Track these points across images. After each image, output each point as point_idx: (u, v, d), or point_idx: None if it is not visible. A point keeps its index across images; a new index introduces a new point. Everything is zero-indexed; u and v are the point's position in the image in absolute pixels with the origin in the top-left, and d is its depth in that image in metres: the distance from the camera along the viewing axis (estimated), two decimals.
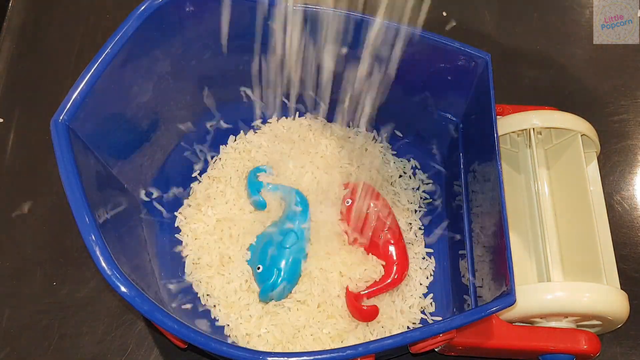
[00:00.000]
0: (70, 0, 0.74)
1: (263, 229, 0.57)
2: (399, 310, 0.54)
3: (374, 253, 0.55)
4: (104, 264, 0.41)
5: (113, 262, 0.41)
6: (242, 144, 0.61)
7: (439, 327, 0.44)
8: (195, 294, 0.55)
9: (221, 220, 0.57)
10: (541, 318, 0.51)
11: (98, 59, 0.47)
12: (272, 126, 0.62)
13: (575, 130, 0.57)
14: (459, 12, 0.74)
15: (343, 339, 0.52)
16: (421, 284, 0.56)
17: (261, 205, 0.57)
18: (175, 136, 0.59)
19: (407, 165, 0.62)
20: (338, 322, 0.52)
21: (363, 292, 0.54)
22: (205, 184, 0.59)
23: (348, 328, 0.52)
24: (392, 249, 0.56)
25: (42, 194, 0.61)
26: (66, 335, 0.55)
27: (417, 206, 0.60)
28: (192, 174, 0.60)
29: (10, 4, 0.73)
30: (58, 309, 0.56)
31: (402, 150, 0.63)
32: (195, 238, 0.56)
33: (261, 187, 0.58)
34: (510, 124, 0.58)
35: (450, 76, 0.55)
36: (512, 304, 0.44)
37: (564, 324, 0.51)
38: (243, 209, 0.58)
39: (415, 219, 0.59)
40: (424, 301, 0.55)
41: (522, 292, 0.48)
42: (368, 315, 0.53)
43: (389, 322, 0.54)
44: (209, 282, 0.55)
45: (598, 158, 0.60)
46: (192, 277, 0.55)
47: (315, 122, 0.62)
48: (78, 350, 0.54)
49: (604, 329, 0.53)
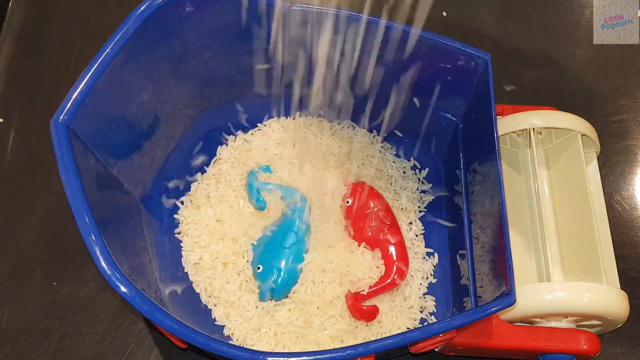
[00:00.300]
0: (70, 0, 0.74)
1: (263, 229, 0.57)
2: (399, 310, 0.54)
3: (374, 247, 0.56)
4: (104, 264, 0.41)
5: (113, 262, 0.41)
6: (242, 144, 0.61)
7: (439, 327, 0.44)
8: (196, 294, 0.55)
9: (221, 221, 0.57)
10: (541, 318, 0.51)
11: (98, 59, 0.47)
12: (272, 126, 0.62)
13: (575, 130, 0.57)
14: (459, 12, 0.74)
15: (343, 339, 0.52)
16: (421, 284, 0.56)
17: (261, 205, 0.57)
18: (175, 136, 0.59)
19: (407, 165, 0.62)
20: (338, 322, 0.52)
21: (363, 292, 0.54)
22: (205, 184, 0.59)
23: (348, 328, 0.52)
24: (392, 249, 0.56)
25: (42, 194, 0.61)
26: (66, 335, 0.55)
27: (417, 206, 0.60)
28: (192, 174, 0.60)
29: (10, 4, 0.73)
30: (58, 309, 0.56)
31: (402, 150, 0.63)
32: (195, 238, 0.56)
33: (261, 187, 0.58)
34: (510, 124, 0.58)
35: (450, 76, 0.55)
36: (512, 304, 0.44)
37: (564, 324, 0.51)
38: (243, 209, 0.58)
39: (415, 219, 0.59)
40: (424, 301, 0.55)
41: (522, 292, 0.48)
42: (368, 315, 0.53)
43: (389, 322, 0.54)
44: (209, 282, 0.55)
45: (598, 158, 0.60)
46: (192, 277, 0.55)
47: (315, 122, 0.62)
48: (78, 350, 0.54)
49: (604, 329, 0.53)
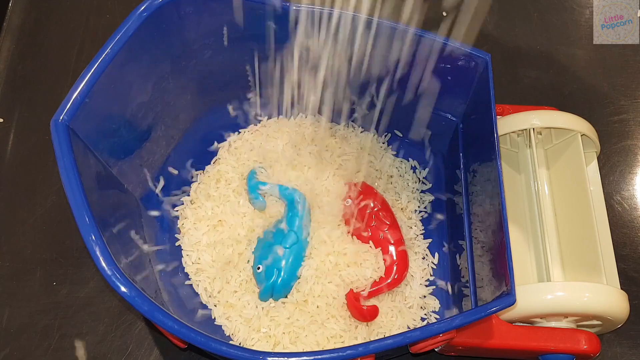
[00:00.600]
0: (70, 0, 0.74)
1: (263, 229, 0.57)
2: (399, 310, 0.54)
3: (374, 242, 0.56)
4: (104, 264, 0.41)
5: (113, 262, 0.41)
6: (242, 144, 0.61)
7: (439, 327, 0.44)
8: (195, 293, 0.55)
9: (221, 221, 0.57)
10: (541, 318, 0.51)
11: (98, 59, 0.47)
12: (273, 126, 0.62)
13: (575, 130, 0.57)
14: (459, 12, 0.74)
15: (343, 339, 0.52)
16: (421, 284, 0.56)
17: (261, 205, 0.57)
18: (175, 136, 0.59)
19: (407, 165, 0.62)
20: (338, 322, 0.52)
21: (363, 292, 0.54)
22: (205, 184, 0.59)
23: (348, 328, 0.52)
24: (392, 249, 0.56)
25: (42, 194, 0.61)
26: (66, 335, 0.55)
27: (417, 206, 0.60)
28: (192, 174, 0.60)
29: (10, 4, 0.73)
30: (58, 309, 0.56)
31: (402, 150, 0.63)
32: (195, 238, 0.56)
33: (261, 187, 0.58)
34: (510, 124, 0.58)
35: (450, 76, 0.55)
36: (512, 304, 0.44)
37: (564, 324, 0.51)
38: (243, 209, 0.58)
39: (415, 219, 0.59)
40: (424, 301, 0.55)
41: (522, 292, 0.48)
42: (368, 315, 0.53)
43: (389, 322, 0.54)
44: (209, 282, 0.55)
45: (598, 158, 0.60)
46: (192, 277, 0.55)
47: (315, 121, 0.62)
48: (78, 350, 0.54)
49: (604, 329, 0.53)
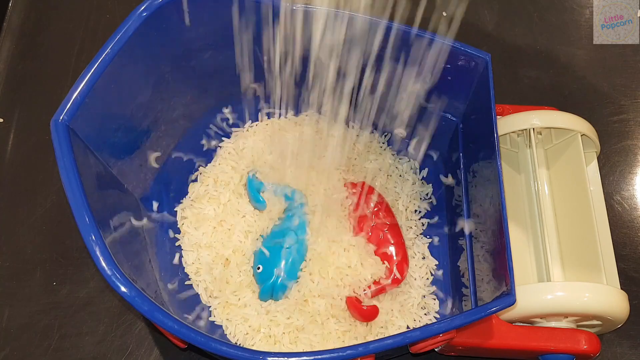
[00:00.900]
0: (70, 0, 0.74)
1: (263, 229, 0.57)
2: (399, 310, 0.54)
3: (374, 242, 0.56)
4: (104, 264, 0.41)
5: (113, 262, 0.41)
6: (242, 144, 0.61)
7: (439, 327, 0.44)
8: (195, 293, 0.55)
9: (221, 220, 0.57)
10: (541, 318, 0.51)
11: (98, 59, 0.47)
12: (273, 126, 0.62)
13: (575, 130, 0.57)
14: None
15: (343, 339, 0.52)
16: (421, 284, 0.56)
17: (261, 205, 0.57)
18: (175, 136, 0.59)
19: (407, 165, 0.62)
20: (338, 322, 0.52)
21: (363, 292, 0.54)
22: (205, 184, 0.59)
23: (348, 328, 0.52)
24: (392, 249, 0.56)
25: (42, 194, 0.61)
26: (66, 335, 0.55)
27: (417, 206, 0.60)
28: (192, 174, 0.60)
29: (10, 4, 0.73)
30: (58, 309, 0.56)
31: (402, 150, 0.63)
32: (195, 238, 0.56)
33: (261, 187, 0.58)
34: (510, 124, 0.58)
35: (450, 76, 0.55)
36: (512, 304, 0.44)
37: (564, 324, 0.51)
38: (243, 209, 0.58)
39: (415, 219, 0.59)
40: (424, 301, 0.55)
41: (522, 292, 0.48)
42: (368, 315, 0.53)
43: (389, 322, 0.54)
44: (209, 282, 0.55)
45: (598, 158, 0.60)
46: (192, 277, 0.55)
47: (315, 121, 0.62)
48: (78, 350, 0.54)
49: (604, 329, 0.53)
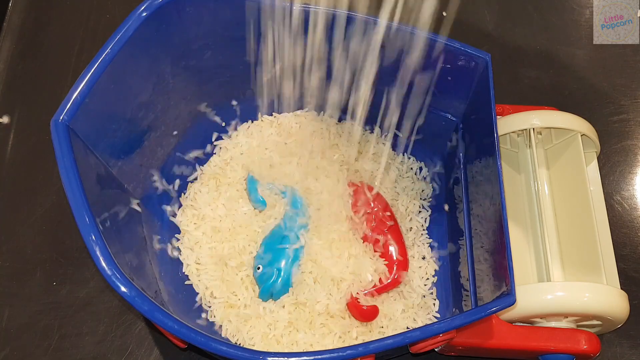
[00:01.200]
0: (70, 0, 0.74)
1: (263, 229, 0.57)
2: (399, 310, 0.54)
3: (374, 247, 0.56)
4: (104, 264, 0.41)
5: (113, 262, 0.41)
6: (242, 143, 0.61)
7: (439, 327, 0.44)
8: (195, 293, 0.55)
9: (221, 220, 0.57)
10: (541, 318, 0.51)
11: (98, 59, 0.47)
12: (273, 125, 0.62)
13: (575, 130, 0.57)
14: (459, 12, 0.73)
15: (343, 339, 0.52)
16: (421, 284, 0.56)
17: (261, 205, 0.57)
18: (175, 136, 0.59)
19: (408, 165, 0.62)
20: (338, 322, 0.52)
21: (363, 292, 0.54)
22: (205, 184, 0.59)
23: (348, 328, 0.52)
24: (392, 249, 0.56)
25: (42, 194, 0.61)
26: (66, 335, 0.55)
27: (417, 206, 0.60)
28: (192, 174, 0.60)
29: (10, 4, 0.73)
30: (58, 309, 0.56)
31: (403, 150, 0.63)
32: (195, 238, 0.56)
33: (261, 187, 0.58)
34: (510, 124, 0.58)
35: (450, 76, 0.55)
36: (512, 304, 0.44)
37: (564, 324, 0.51)
38: (243, 209, 0.58)
39: (415, 219, 0.59)
40: (424, 301, 0.55)
41: (522, 292, 0.48)
42: (368, 315, 0.53)
43: (389, 322, 0.53)
44: (208, 282, 0.54)
45: (598, 158, 0.60)
46: (192, 277, 0.55)
47: (315, 121, 0.62)
48: (78, 350, 0.54)
49: (604, 329, 0.53)
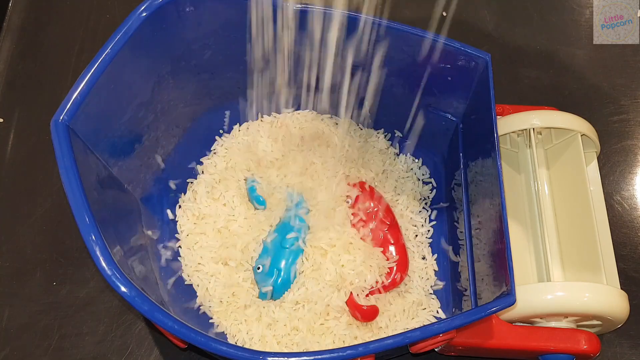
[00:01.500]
0: (71, 0, 0.74)
1: (263, 229, 0.57)
2: (399, 310, 0.54)
3: (374, 247, 0.56)
4: (104, 264, 0.41)
5: (113, 262, 0.41)
6: (242, 143, 0.61)
7: (439, 327, 0.44)
8: (195, 293, 0.55)
9: (221, 221, 0.57)
10: (541, 318, 0.51)
11: (98, 59, 0.47)
12: (273, 125, 0.62)
13: (575, 130, 0.57)
14: (459, 12, 0.74)
15: (343, 339, 0.52)
16: (421, 284, 0.56)
17: (261, 205, 0.57)
18: (175, 136, 0.59)
19: (407, 165, 0.62)
20: (338, 322, 0.52)
21: (363, 292, 0.54)
22: (205, 184, 0.59)
23: (348, 328, 0.52)
24: (392, 249, 0.56)
25: (42, 194, 0.61)
26: (66, 335, 0.55)
27: (417, 206, 0.60)
28: (192, 174, 0.60)
29: (10, 4, 0.73)
30: (58, 309, 0.56)
31: (403, 150, 0.63)
32: (195, 238, 0.56)
33: (261, 187, 0.58)
34: (510, 124, 0.58)
35: (450, 76, 0.55)
36: (512, 304, 0.44)
37: (564, 324, 0.51)
38: (243, 209, 0.58)
39: (415, 219, 0.59)
40: (424, 301, 0.55)
41: (522, 292, 0.48)
42: (368, 315, 0.53)
43: (389, 322, 0.53)
44: (208, 282, 0.54)
45: (598, 158, 0.60)
46: (192, 277, 0.55)
47: (315, 121, 0.62)
48: (78, 350, 0.54)
49: (604, 329, 0.53)
